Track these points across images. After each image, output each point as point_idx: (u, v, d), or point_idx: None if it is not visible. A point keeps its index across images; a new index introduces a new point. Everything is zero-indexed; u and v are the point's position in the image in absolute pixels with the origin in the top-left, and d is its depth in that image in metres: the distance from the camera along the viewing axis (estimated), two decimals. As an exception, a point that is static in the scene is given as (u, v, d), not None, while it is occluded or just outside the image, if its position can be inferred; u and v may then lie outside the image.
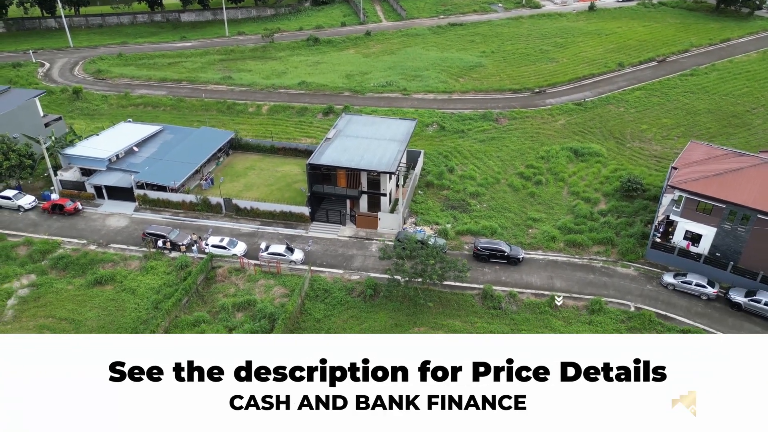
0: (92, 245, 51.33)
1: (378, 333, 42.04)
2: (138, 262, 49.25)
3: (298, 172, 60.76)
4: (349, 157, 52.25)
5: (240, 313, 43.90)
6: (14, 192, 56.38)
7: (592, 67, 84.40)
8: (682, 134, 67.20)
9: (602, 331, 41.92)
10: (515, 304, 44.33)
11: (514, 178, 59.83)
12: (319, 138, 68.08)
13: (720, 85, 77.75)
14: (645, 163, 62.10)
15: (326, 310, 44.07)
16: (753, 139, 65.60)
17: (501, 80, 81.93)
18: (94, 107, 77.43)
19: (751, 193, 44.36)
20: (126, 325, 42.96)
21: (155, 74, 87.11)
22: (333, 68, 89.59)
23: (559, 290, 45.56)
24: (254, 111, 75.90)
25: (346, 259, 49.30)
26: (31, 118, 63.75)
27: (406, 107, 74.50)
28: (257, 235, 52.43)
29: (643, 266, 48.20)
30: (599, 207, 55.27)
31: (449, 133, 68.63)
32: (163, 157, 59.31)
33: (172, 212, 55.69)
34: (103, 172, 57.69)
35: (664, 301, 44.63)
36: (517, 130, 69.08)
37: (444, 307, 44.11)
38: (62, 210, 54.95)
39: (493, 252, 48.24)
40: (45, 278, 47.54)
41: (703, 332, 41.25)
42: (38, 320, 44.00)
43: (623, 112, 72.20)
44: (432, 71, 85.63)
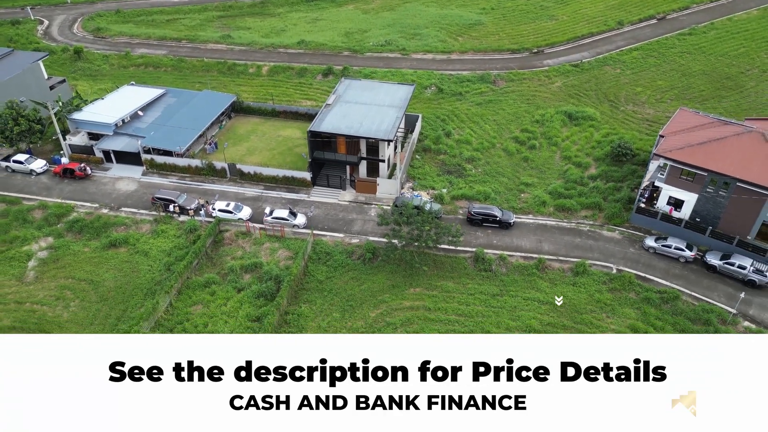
0: (104, 209, 53.89)
1: (377, 293, 45.27)
2: (149, 226, 51.95)
3: (299, 136, 62.54)
4: (349, 123, 53.99)
5: (247, 274, 46.93)
6: (26, 156, 58.43)
7: (591, 25, 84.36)
8: (676, 97, 68.47)
9: (584, 291, 45.07)
10: (505, 266, 47.30)
11: (509, 142, 61.69)
12: (319, 100, 69.51)
13: (717, 45, 78.13)
14: (637, 127, 63.75)
15: (328, 272, 47.07)
16: (744, 102, 66.91)
17: (500, 39, 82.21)
18: (96, 68, 78.18)
19: (732, 161, 46.48)
20: (141, 285, 46.09)
21: (154, 32, 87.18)
22: (332, 25, 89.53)
23: (547, 253, 48.46)
24: (254, 72, 76.73)
25: (347, 223, 51.97)
26: (36, 81, 64.89)
27: (404, 68, 75.33)
28: (261, 200, 54.89)
29: (627, 230, 50.88)
30: (589, 172, 57.46)
31: (447, 95, 69.87)
32: (167, 122, 60.95)
33: (179, 176, 57.92)
34: (111, 136, 59.51)
35: (645, 263, 47.57)
36: (513, 92, 70.26)
37: (438, 270, 47.10)
38: (73, 174, 57.18)
39: (485, 217, 50.82)
40: (62, 241, 50.35)
41: (677, 293, 44.33)
42: (59, 281, 47.11)
43: (619, 74, 73.09)
44: (431, 29, 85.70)
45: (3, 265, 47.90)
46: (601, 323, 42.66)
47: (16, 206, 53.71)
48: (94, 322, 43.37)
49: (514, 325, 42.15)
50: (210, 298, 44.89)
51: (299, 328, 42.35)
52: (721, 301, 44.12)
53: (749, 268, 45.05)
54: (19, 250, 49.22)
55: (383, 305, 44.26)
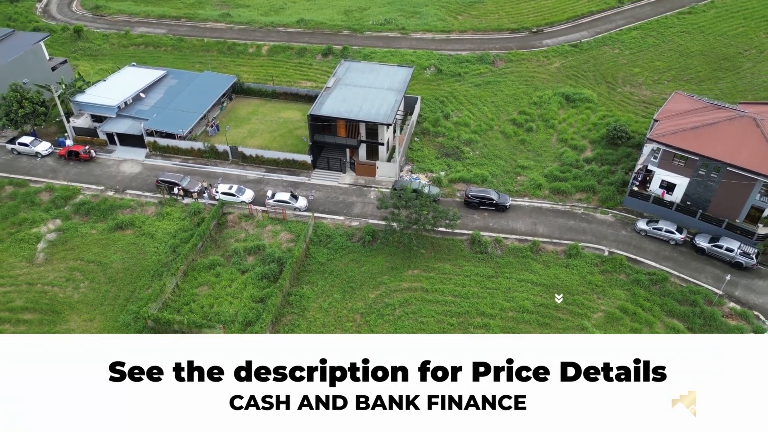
0: (110, 191, 55.12)
1: (376, 275, 46.87)
2: (154, 208, 53.26)
3: (299, 118, 63.34)
4: (348, 107, 54.82)
5: (251, 257, 48.47)
6: (31, 138, 59.37)
7: (591, 3, 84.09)
8: (673, 78, 69.02)
9: (577, 273, 46.66)
10: (500, 249, 48.80)
11: (507, 125, 62.54)
12: (319, 81, 70.05)
13: (716, 24, 78.18)
14: (633, 109, 64.51)
15: (329, 254, 48.59)
16: (740, 83, 67.49)
17: (500, 18, 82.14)
18: (96, 47, 78.38)
19: (723, 146, 47.54)
20: (148, 267, 47.64)
21: (153, 10, 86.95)
22: (331, 3, 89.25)
23: (541, 235, 49.91)
24: (254, 52, 76.97)
25: (347, 206, 53.28)
26: (38, 62, 65.30)
27: (404, 48, 75.59)
28: (263, 182, 56.09)
29: (620, 213, 52.24)
30: (585, 154, 58.49)
31: (446, 76, 70.36)
32: (169, 104, 61.69)
33: (182, 158, 58.98)
34: (114, 119, 60.35)
35: (636, 245, 49.06)
36: (512, 73, 70.73)
37: (436, 252, 48.62)
38: (78, 156, 58.22)
39: (482, 200, 52.10)
40: (70, 223, 51.72)
41: (666, 275, 45.93)
42: (68, 262, 48.66)
43: (618, 54, 73.41)
44: (431, 7, 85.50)
45: (14, 247, 49.39)
46: (592, 304, 44.38)
47: (24, 188, 54.93)
48: (104, 303, 45.07)
49: (508, 306, 43.86)
50: (215, 280, 46.49)
51: (302, 308, 44.08)
52: (708, 283, 45.75)
53: (736, 250, 46.53)
54: (28, 232, 50.63)
55: (382, 286, 45.90)
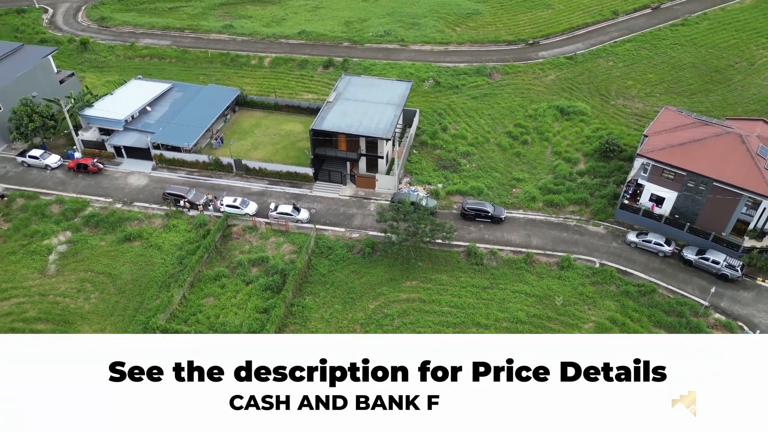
0: (118, 204, 56.94)
1: (376, 286, 48.71)
2: (161, 220, 55.09)
3: (301, 131, 65.12)
4: (349, 122, 56.64)
5: (255, 268, 50.29)
6: (41, 151, 61.21)
7: (586, 15, 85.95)
8: (665, 91, 70.83)
9: (569, 284, 48.49)
10: (495, 260, 50.63)
11: (503, 137, 64.35)
12: (320, 93, 71.90)
13: (708, 36, 79.97)
14: (626, 121, 66.32)
15: (330, 265, 50.41)
16: (730, 96, 69.30)
17: (497, 30, 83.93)
18: (102, 59, 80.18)
19: (710, 162, 49.36)
20: (156, 278, 49.49)
21: (158, 21, 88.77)
22: (332, 14, 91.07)
23: (535, 247, 51.72)
24: (256, 63, 78.77)
25: (347, 218, 55.09)
26: (46, 76, 67.07)
27: (403, 60, 77.41)
28: (266, 194, 57.90)
29: (611, 225, 54.07)
30: (578, 167, 60.28)
31: (444, 88, 72.16)
32: (175, 117, 63.51)
33: (187, 171, 60.81)
34: (121, 132, 62.18)
35: (626, 257, 50.89)
36: (509, 85, 72.54)
37: (433, 264, 50.44)
38: (86, 169, 60.04)
39: (478, 212, 53.92)
40: (80, 235, 53.56)
41: (654, 286, 47.75)
42: (79, 274, 50.51)
43: (611, 67, 75.21)
44: (430, 18, 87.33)
45: (26, 259, 51.25)
46: (583, 315, 46.21)
47: (35, 201, 56.75)
48: (114, 313, 46.92)
49: (502, 317, 45.69)
50: (220, 291, 48.32)
51: (304, 319, 45.91)
52: (695, 294, 47.58)
53: (722, 262, 48.34)
54: (39, 244, 52.44)
55: (381, 297, 47.73)
